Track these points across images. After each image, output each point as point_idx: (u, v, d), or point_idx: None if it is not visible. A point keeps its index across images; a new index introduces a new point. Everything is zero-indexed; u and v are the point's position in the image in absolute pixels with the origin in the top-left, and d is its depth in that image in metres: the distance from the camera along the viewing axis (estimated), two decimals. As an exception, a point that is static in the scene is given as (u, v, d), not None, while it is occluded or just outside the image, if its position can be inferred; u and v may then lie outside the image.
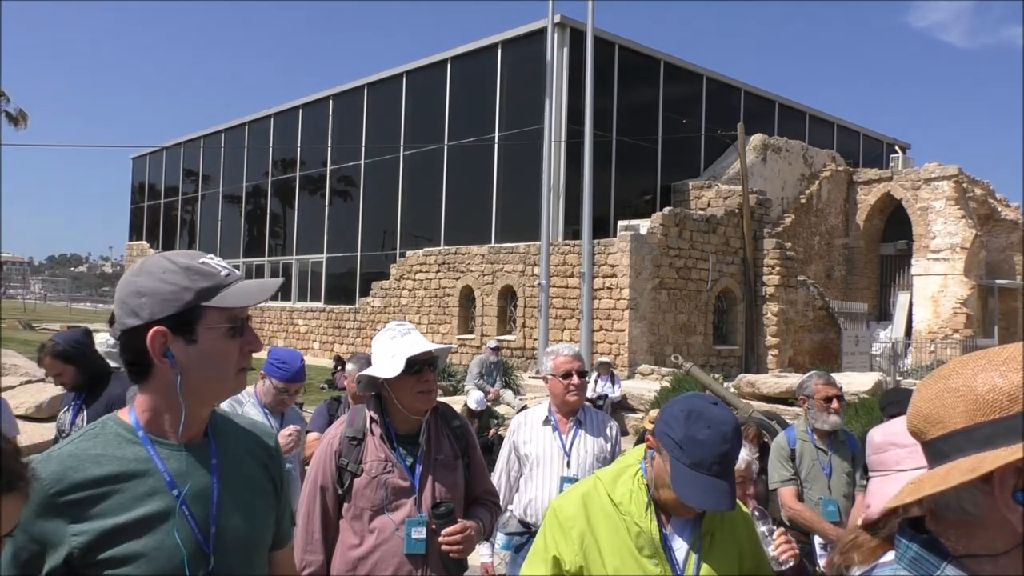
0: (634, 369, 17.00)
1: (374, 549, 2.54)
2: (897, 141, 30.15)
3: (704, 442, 1.82)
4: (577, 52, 18.70)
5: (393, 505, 2.57)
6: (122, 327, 1.47)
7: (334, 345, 24.71)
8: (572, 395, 3.57)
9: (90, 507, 1.37)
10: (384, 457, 2.60)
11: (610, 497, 1.99)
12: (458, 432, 2.78)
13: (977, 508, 0.96)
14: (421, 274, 22.16)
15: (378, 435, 2.63)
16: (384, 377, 2.58)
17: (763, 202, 20.64)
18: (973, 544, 0.97)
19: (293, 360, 3.90)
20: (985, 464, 0.91)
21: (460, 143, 22.04)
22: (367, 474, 2.58)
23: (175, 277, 1.45)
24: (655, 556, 1.91)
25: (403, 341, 2.61)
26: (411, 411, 2.64)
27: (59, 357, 3.46)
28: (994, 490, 0.93)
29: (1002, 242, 24.49)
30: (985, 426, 0.94)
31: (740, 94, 24.54)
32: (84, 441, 1.44)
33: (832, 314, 21.30)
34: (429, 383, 2.62)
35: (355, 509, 2.58)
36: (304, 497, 2.66)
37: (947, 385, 0.99)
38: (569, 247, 18.33)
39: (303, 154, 28.25)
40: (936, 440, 0.99)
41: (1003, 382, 0.95)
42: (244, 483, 1.58)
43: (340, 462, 2.61)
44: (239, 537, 1.53)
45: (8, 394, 8.79)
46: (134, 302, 1.45)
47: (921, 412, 1.02)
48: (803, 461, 4.30)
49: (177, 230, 35.10)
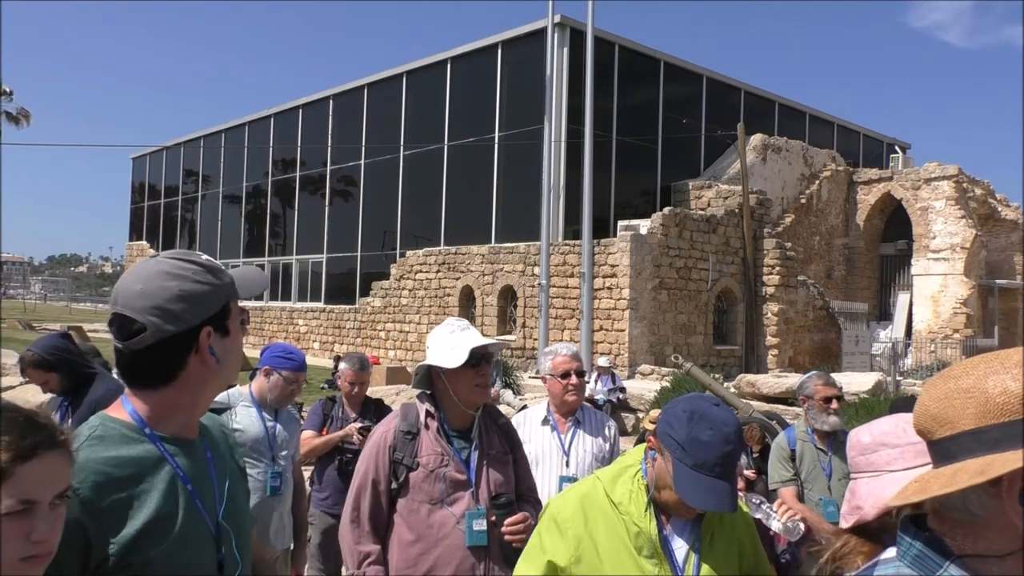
0: (634, 369, 17.00)
1: (436, 544, 2.56)
2: (897, 141, 30.15)
3: (707, 443, 1.82)
4: (577, 52, 18.70)
5: (451, 498, 2.59)
6: (161, 335, 1.43)
7: (334, 345, 24.71)
8: (571, 395, 3.57)
9: (120, 512, 1.36)
10: (440, 451, 2.63)
11: (609, 497, 1.98)
12: (504, 429, 2.83)
13: (983, 510, 0.95)
14: (421, 274, 22.16)
15: (433, 429, 2.66)
16: (446, 367, 2.61)
17: (763, 202, 20.64)
18: (978, 545, 0.97)
19: (296, 350, 3.99)
20: (994, 468, 0.91)
21: (460, 143, 22.04)
22: (424, 468, 2.60)
23: (204, 277, 1.48)
24: (654, 556, 1.91)
25: (463, 335, 2.65)
26: (466, 404, 2.67)
27: (40, 366, 3.40)
28: (1001, 493, 0.93)
29: (1002, 242, 24.49)
30: (995, 428, 0.93)
31: (740, 94, 24.54)
32: (92, 446, 1.40)
33: (832, 314, 21.30)
34: (486, 377, 2.68)
35: (412, 503, 2.60)
36: (353, 492, 2.67)
37: (957, 385, 0.98)
38: (569, 247, 18.32)
39: (303, 154, 28.26)
40: (944, 440, 0.98)
41: (1015, 386, 0.94)
42: (230, 473, 1.60)
43: (394, 456, 2.63)
44: (238, 525, 1.55)
45: (8, 394, 8.81)
46: (176, 308, 1.43)
47: (929, 411, 1.01)
48: (803, 461, 4.29)
49: (177, 230, 35.11)
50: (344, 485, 4.44)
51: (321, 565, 4.50)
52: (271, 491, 3.75)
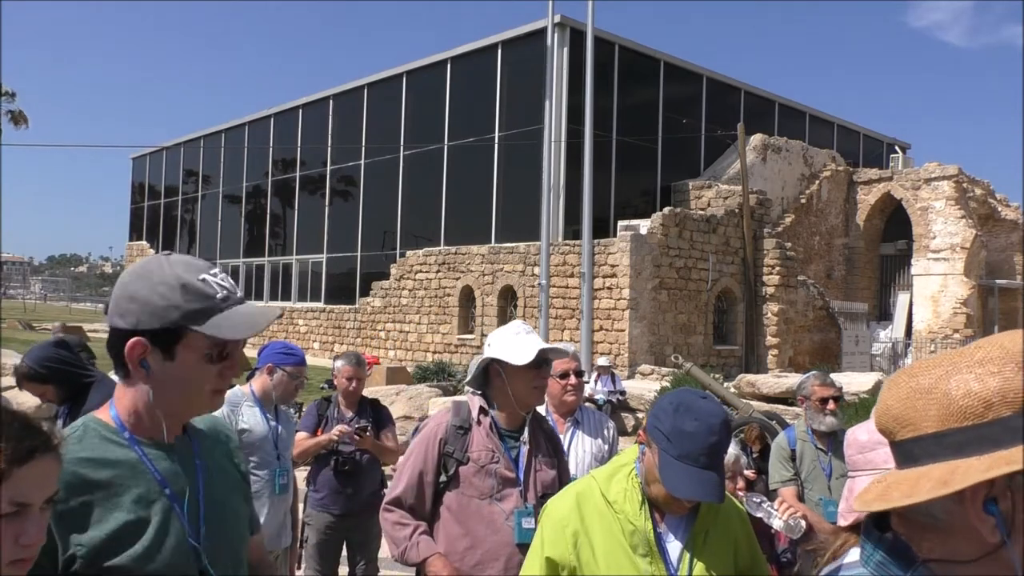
0: (634, 369, 16.99)
1: (484, 539, 2.59)
2: (897, 141, 30.14)
3: (692, 434, 1.83)
4: (577, 52, 18.68)
5: (500, 495, 2.63)
6: (111, 324, 1.47)
7: (334, 345, 24.71)
8: (570, 395, 3.56)
9: (89, 514, 1.35)
10: (492, 447, 2.67)
11: (604, 496, 1.99)
12: (549, 434, 2.89)
13: (947, 515, 0.92)
14: (421, 274, 22.15)
15: (486, 425, 2.70)
16: (512, 363, 2.63)
17: (763, 202, 20.63)
18: (943, 549, 0.94)
19: (294, 346, 4.06)
20: (956, 479, 0.87)
21: (460, 143, 22.03)
22: (474, 462, 2.65)
23: (168, 292, 1.41)
24: (649, 555, 1.91)
25: (528, 337, 2.72)
26: (521, 405, 2.72)
27: (35, 379, 3.31)
28: (965, 499, 0.89)
29: (1002, 242, 24.48)
30: (957, 432, 0.89)
31: (740, 94, 24.53)
32: (71, 446, 1.38)
33: (832, 314, 21.29)
34: (545, 380, 2.76)
35: (461, 497, 2.63)
36: (400, 482, 2.70)
37: (918, 384, 0.94)
38: (569, 247, 18.32)
39: (303, 154, 28.25)
40: (906, 441, 0.95)
41: (979, 387, 0.89)
42: (223, 479, 1.58)
43: (445, 450, 2.67)
44: (225, 532, 1.53)
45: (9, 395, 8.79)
46: (124, 306, 1.44)
47: (891, 411, 0.97)
48: (803, 461, 4.29)
49: (177, 230, 35.10)
50: (340, 486, 4.44)
51: (318, 565, 4.49)
52: (280, 489, 3.76)
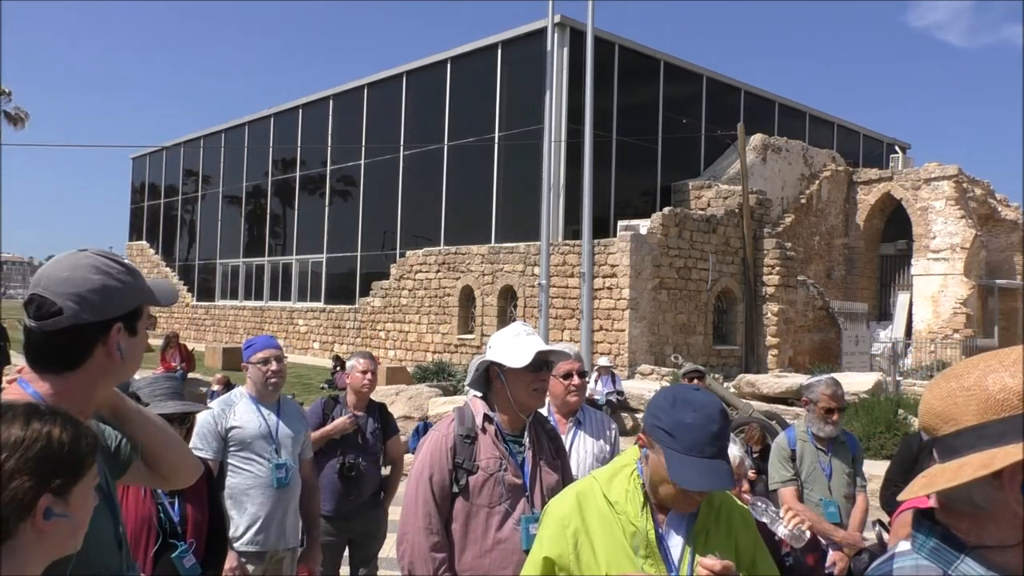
0: (634, 369, 16.99)
1: (493, 547, 2.58)
2: (897, 141, 30.14)
3: (693, 425, 1.83)
4: (577, 52, 18.68)
5: (507, 502, 2.62)
6: (76, 321, 1.48)
7: (334, 345, 24.71)
8: (572, 395, 3.56)
9: None
10: (499, 455, 2.65)
11: (605, 496, 1.98)
12: (552, 435, 2.86)
13: (987, 502, 1.00)
14: (421, 274, 22.15)
15: (491, 433, 2.68)
16: (509, 365, 2.61)
17: (763, 202, 20.63)
18: (984, 536, 1.02)
19: (259, 336, 4.09)
20: (996, 461, 0.97)
21: (460, 143, 22.03)
22: (483, 471, 2.62)
23: (124, 276, 1.55)
24: (650, 556, 1.91)
25: (528, 339, 2.68)
26: (522, 408, 2.68)
27: None
28: (1004, 485, 0.98)
29: (1002, 242, 24.48)
30: (996, 424, 0.99)
31: (740, 94, 24.53)
32: None
33: (832, 314, 21.30)
34: (545, 383, 2.71)
35: (470, 507, 2.61)
36: (416, 497, 2.63)
37: (959, 384, 1.04)
38: (569, 247, 18.32)
39: (303, 154, 28.24)
40: (948, 436, 1.04)
41: (1013, 382, 1.00)
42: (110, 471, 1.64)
43: (456, 460, 2.64)
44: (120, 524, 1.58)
45: (8, 394, 8.78)
46: (95, 299, 1.50)
47: (933, 409, 1.06)
48: (803, 462, 4.28)
49: (177, 230, 35.09)
50: (343, 488, 4.43)
51: (319, 565, 4.48)
52: (277, 483, 3.74)
